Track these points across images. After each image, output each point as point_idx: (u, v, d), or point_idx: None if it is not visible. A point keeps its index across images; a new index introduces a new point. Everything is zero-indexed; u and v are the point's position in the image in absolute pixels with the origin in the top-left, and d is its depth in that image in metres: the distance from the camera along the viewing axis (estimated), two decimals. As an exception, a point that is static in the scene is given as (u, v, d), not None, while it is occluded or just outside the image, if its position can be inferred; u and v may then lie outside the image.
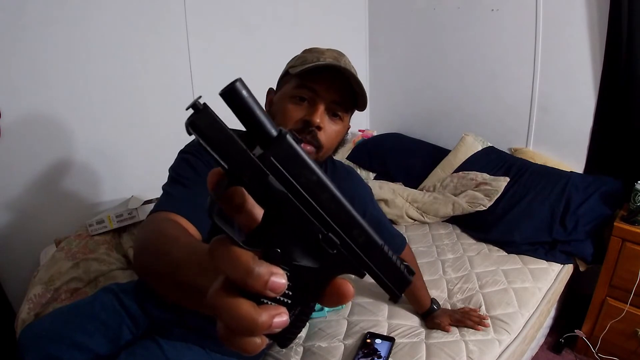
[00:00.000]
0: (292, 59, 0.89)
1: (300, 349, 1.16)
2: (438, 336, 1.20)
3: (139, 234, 0.70)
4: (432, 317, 1.25)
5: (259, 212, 0.30)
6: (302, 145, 0.78)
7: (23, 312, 1.24)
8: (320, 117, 0.79)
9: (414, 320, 1.27)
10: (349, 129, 0.90)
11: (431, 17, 2.32)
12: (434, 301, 1.28)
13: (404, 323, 1.26)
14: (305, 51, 0.86)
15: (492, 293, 1.41)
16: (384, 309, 1.33)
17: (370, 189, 1.15)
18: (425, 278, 1.51)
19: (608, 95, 1.81)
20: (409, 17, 2.41)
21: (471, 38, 2.20)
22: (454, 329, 1.23)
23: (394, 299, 0.36)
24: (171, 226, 0.61)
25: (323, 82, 0.79)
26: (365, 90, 0.81)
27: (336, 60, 0.81)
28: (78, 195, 1.64)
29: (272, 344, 1.18)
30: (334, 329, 1.23)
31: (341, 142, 0.88)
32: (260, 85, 0.89)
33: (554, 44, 1.94)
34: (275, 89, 0.91)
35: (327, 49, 0.85)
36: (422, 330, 1.23)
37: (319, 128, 0.79)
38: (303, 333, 1.22)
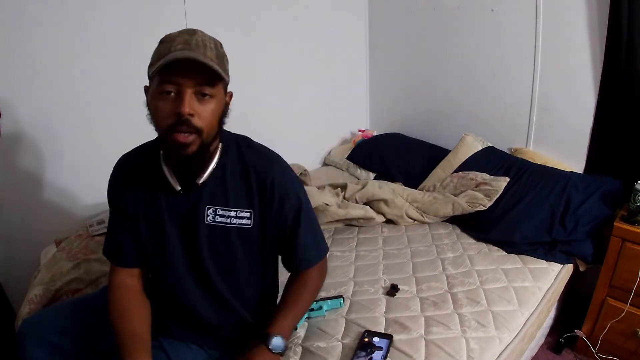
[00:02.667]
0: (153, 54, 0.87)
1: (299, 349, 1.16)
2: (438, 332, 1.20)
3: (110, 295, 0.98)
4: (260, 350, 0.90)
5: None
6: (182, 136, 0.80)
7: (23, 313, 1.24)
8: (189, 105, 0.80)
9: (413, 316, 1.27)
10: (229, 98, 0.90)
11: (431, 17, 2.32)
12: (277, 345, 0.91)
13: (402, 320, 1.25)
14: (160, 42, 0.85)
15: (492, 289, 1.41)
16: (382, 305, 1.33)
17: (300, 185, 1.02)
18: (424, 274, 1.52)
19: (608, 95, 1.81)
20: (409, 17, 2.41)
21: (471, 38, 2.20)
22: (456, 324, 1.22)
23: None
24: (129, 307, 0.95)
25: (180, 71, 0.79)
26: (224, 57, 0.83)
27: (186, 44, 0.80)
28: (78, 195, 1.64)
29: None
30: (333, 328, 1.23)
31: (223, 115, 0.89)
32: (259, 84, 0.90)
33: (554, 44, 1.94)
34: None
35: (178, 34, 0.83)
36: (422, 325, 1.23)
37: (192, 115, 0.80)
38: (302, 333, 1.22)
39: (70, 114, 1.54)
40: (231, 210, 0.93)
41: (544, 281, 1.50)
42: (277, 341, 0.91)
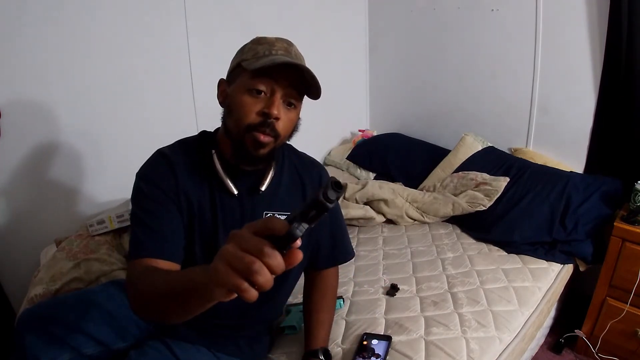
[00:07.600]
0: (242, 50, 0.88)
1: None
2: (438, 332, 1.20)
3: (135, 286, 0.76)
4: None
5: None
6: (262, 136, 0.82)
7: (23, 312, 1.24)
8: (278, 108, 0.82)
9: (413, 316, 1.27)
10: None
11: (431, 17, 2.32)
12: (325, 352, 1.06)
13: (402, 320, 1.25)
14: (254, 42, 0.86)
15: (492, 289, 1.41)
16: (382, 305, 1.33)
17: None
18: (424, 274, 1.52)
19: (608, 95, 1.81)
20: (409, 17, 2.41)
21: (471, 38, 2.20)
22: (456, 324, 1.22)
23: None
24: (158, 275, 0.73)
25: (277, 75, 0.81)
26: (319, 81, 0.83)
27: (287, 52, 0.83)
28: (78, 195, 1.64)
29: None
30: (332, 331, 1.21)
31: (295, 127, 0.92)
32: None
33: (554, 44, 1.94)
34: (226, 79, 0.91)
35: (277, 39, 0.85)
36: (421, 326, 1.23)
37: (277, 119, 0.83)
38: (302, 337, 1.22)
39: (70, 114, 1.54)
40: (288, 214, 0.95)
41: (544, 281, 1.50)
42: (325, 353, 1.05)
